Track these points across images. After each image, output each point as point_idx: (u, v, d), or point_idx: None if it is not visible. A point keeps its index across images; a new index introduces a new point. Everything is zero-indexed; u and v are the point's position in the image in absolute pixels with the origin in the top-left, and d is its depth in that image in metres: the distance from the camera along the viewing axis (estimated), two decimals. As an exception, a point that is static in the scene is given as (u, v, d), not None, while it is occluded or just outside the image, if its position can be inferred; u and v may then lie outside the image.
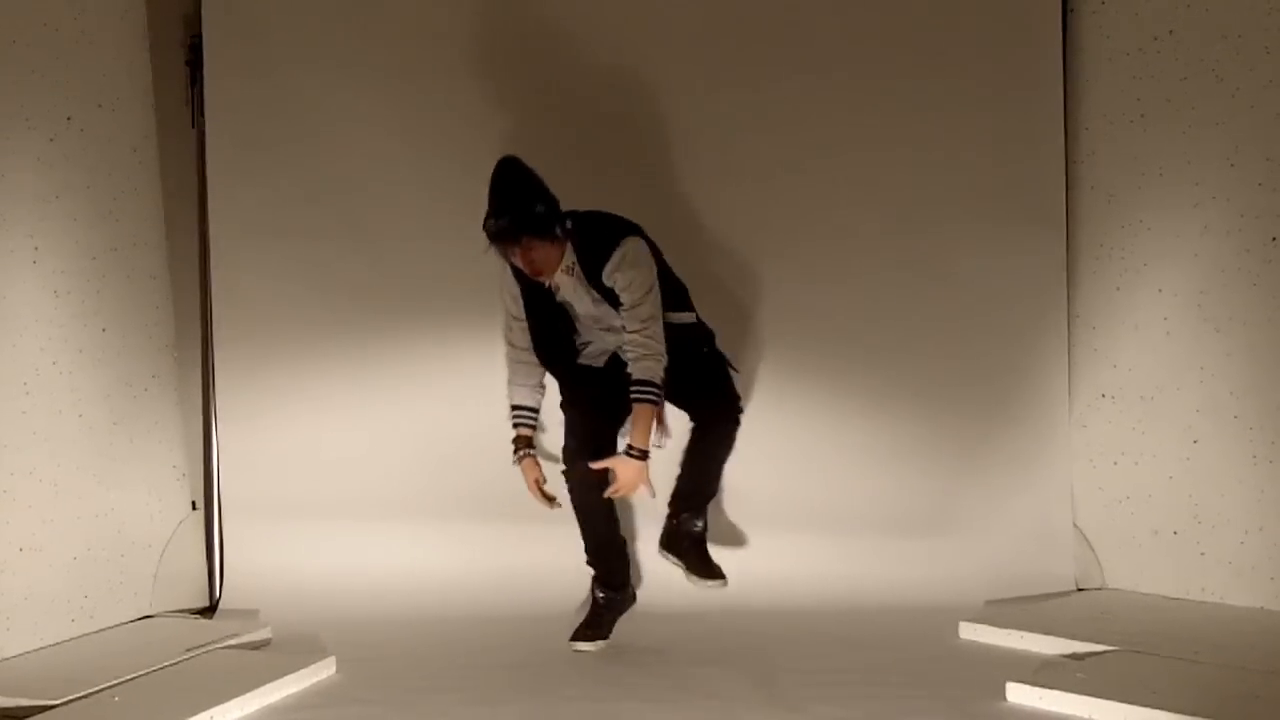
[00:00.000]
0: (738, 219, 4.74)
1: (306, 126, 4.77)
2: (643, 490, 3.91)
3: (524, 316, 4.10)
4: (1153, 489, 4.64)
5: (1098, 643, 3.94)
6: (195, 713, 3.39)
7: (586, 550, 4.15)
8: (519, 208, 3.82)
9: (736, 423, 4.15)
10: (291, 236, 4.76)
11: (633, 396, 3.86)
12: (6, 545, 3.96)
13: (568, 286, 3.97)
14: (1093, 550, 4.76)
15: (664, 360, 3.88)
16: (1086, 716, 3.40)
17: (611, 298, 3.92)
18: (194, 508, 4.78)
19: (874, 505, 4.80)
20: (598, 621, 4.16)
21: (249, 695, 3.57)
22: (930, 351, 4.79)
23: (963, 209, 4.77)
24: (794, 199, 4.80)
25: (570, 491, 4.05)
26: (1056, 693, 3.48)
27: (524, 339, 4.13)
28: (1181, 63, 4.52)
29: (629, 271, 3.88)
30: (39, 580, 4.07)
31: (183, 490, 4.75)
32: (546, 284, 3.97)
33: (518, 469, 4.17)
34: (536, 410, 4.21)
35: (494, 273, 4.71)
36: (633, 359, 3.88)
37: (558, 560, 4.57)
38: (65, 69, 4.24)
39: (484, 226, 3.85)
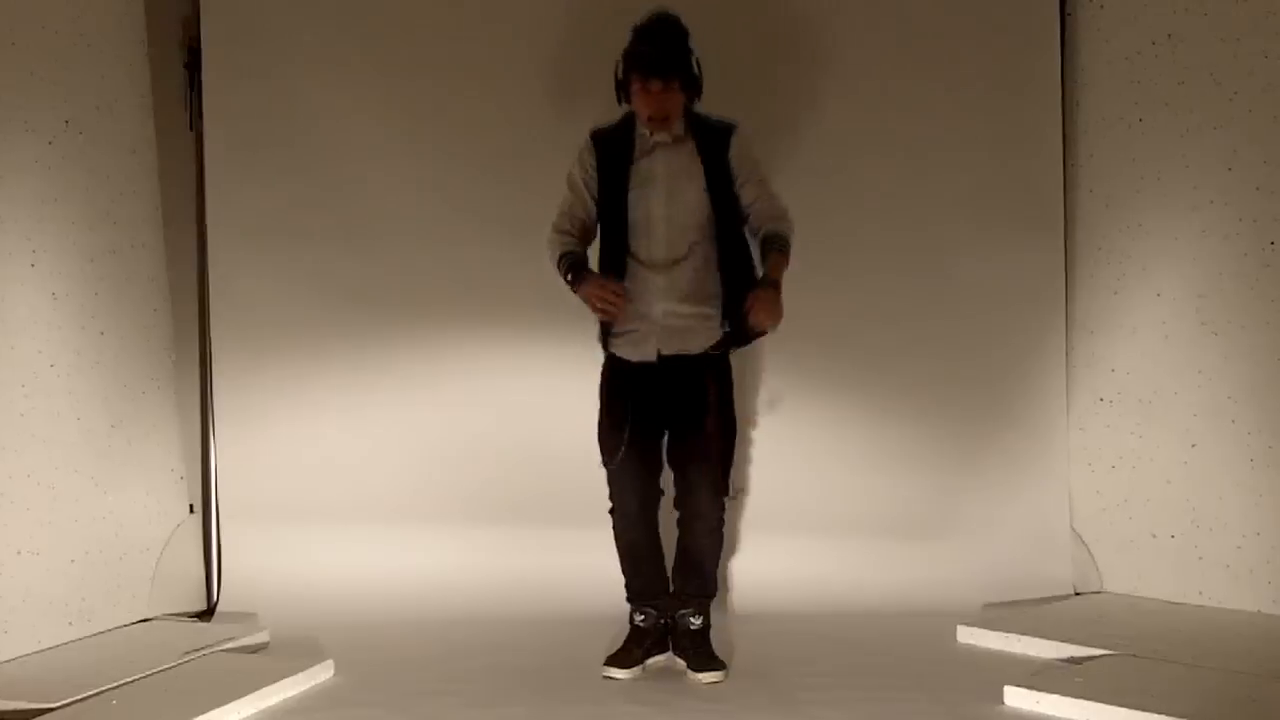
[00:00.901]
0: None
1: (305, 129, 4.77)
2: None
3: (591, 184, 3.93)
4: (1150, 493, 4.64)
5: (1095, 647, 3.94)
6: (193, 716, 3.39)
7: (628, 581, 4.04)
8: (680, 49, 3.84)
9: (722, 507, 3.96)
10: (290, 239, 4.76)
11: (770, 247, 3.84)
12: (4, 548, 3.96)
13: (667, 154, 3.88)
14: (1090, 554, 4.76)
15: (791, 223, 3.91)
16: (1084, 720, 3.41)
17: (719, 179, 3.87)
18: (192, 511, 4.77)
19: (872, 508, 4.80)
20: (632, 648, 3.98)
21: (247, 698, 3.57)
22: (928, 354, 4.80)
23: (961, 212, 4.78)
24: (792, 201, 4.78)
25: (620, 527, 3.98)
26: (1054, 697, 3.48)
27: (578, 200, 3.96)
28: (1180, 66, 4.52)
29: (753, 152, 3.96)
30: (37, 583, 4.06)
31: (181, 493, 4.75)
32: (649, 136, 3.86)
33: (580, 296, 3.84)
34: (583, 253, 3.92)
35: (494, 272, 4.75)
36: (770, 217, 3.90)
37: (557, 563, 4.58)
38: (64, 72, 4.24)
39: (630, 54, 3.83)
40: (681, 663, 3.95)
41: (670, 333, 3.88)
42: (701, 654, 3.93)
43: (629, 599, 4.05)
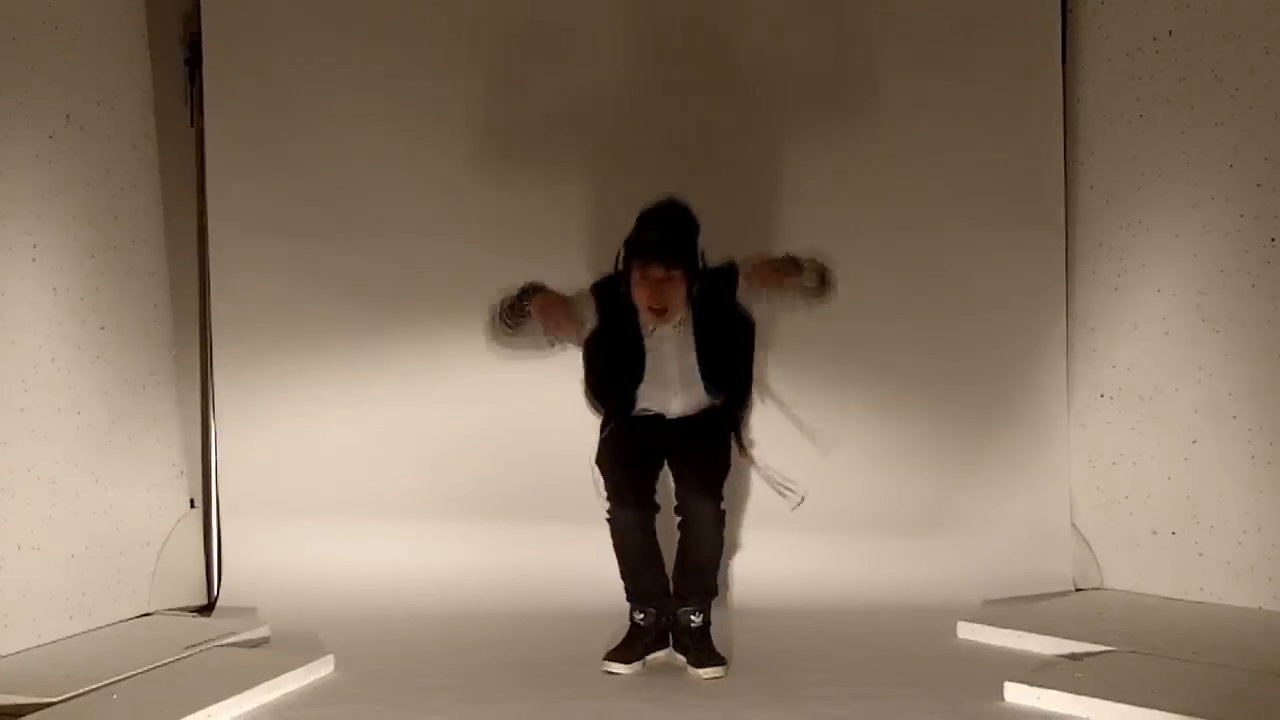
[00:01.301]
0: (737, 219, 4.73)
1: (305, 124, 4.77)
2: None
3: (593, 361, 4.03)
4: (1151, 489, 4.64)
5: (1096, 643, 3.94)
6: (193, 710, 3.39)
7: (627, 585, 4.03)
8: (686, 240, 3.82)
9: (722, 510, 3.96)
10: (290, 234, 4.76)
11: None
12: (5, 543, 3.96)
13: (669, 339, 3.93)
14: (1091, 550, 4.76)
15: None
16: (1084, 716, 3.40)
17: (713, 328, 3.92)
18: (192, 505, 4.78)
19: (873, 504, 4.80)
20: (633, 644, 3.99)
21: (247, 693, 3.57)
22: (929, 351, 4.80)
23: (962, 208, 4.78)
24: (792, 199, 4.80)
25: (619, 537, 3.97)
26: (1054, 692, 3.48)
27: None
28: (1181, 63, 4.52)
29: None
30: (37, 578, 4.06)
31: (181, 488, 4.75)
32: (650, 330, 3.91)
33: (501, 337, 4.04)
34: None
35: (494, 268, 4.74)
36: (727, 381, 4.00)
37: (556, 558, 4.58)
38: (65, 67, 4.24)
39: (633, 241, 3.81)
40: (681, 659, 3.95)
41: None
42: (702, 650, 3.93)
43: (628, 599, 4.05)
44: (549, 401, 4.55)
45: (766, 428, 4.65)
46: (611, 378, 4.00)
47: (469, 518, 4.76)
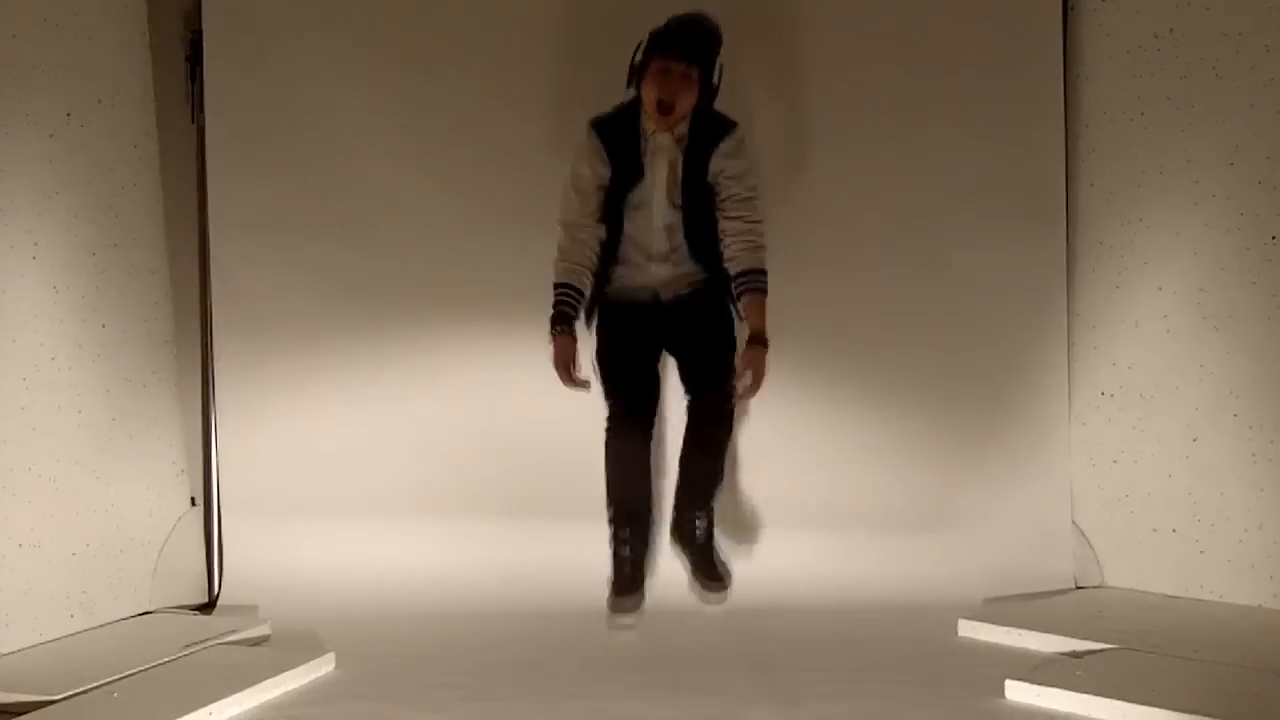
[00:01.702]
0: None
1: (306, 122, 4.76)
2: None
3: (601, 187, 3.84)
4: (1152, 487, 4.64)
5: (1096, 640, 3.95)
6: (194, 709, 3.39)
7: (612, 506, 3.88)
8: (707, 40, 3.78)
9: (732, 399, 3.82)
10: (291, 232, 4.75)
11: (746, 286, 3.75)
12: (6, 541, 3.96)
13: (665, 152, 3.80)
14: (1092, 548, 4.76)
15: (764, 251, 3.82)
16: (1085, 714, 3.41)
17: (698, 186, 3.80)
18: (193, 503, 4.78)
19: (873, 502, 4.80)
20: (631, 579, 3.81)
21: (248, 691, 3.57)
22: (930, 348, 4.79)
23: (963, 206, 4.77)
24: (795, 196, 4.79)
25: (615, 444, 3.84)
26: (1055, 690, 3.49)
27: (586, 207, 3.85)
28: (1182, 61, 4.52)
29: (743, 159, 3.84)
30: (38, 576, 4.07)
31: (182, 486, 4.75)
32: (650, 134, 3.78)
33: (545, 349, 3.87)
34: (583, 294, 3.87)
35: (495, 265, 4.75)
36: (742, 248, 3.78)
37: (558, 556, 4.58)
38: (66, 65, 4.24)
39: (660, 32, 3.76)
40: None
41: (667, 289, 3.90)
42: (705, 562, 3.82)
43: (611, 520, 3.88)
44: (551, 399, 4.54)
45: (767, 423, 4.66)
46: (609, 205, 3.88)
47: (471, 515, 4.76)
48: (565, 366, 3.80)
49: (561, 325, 3.81)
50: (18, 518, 4.01)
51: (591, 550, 4.12)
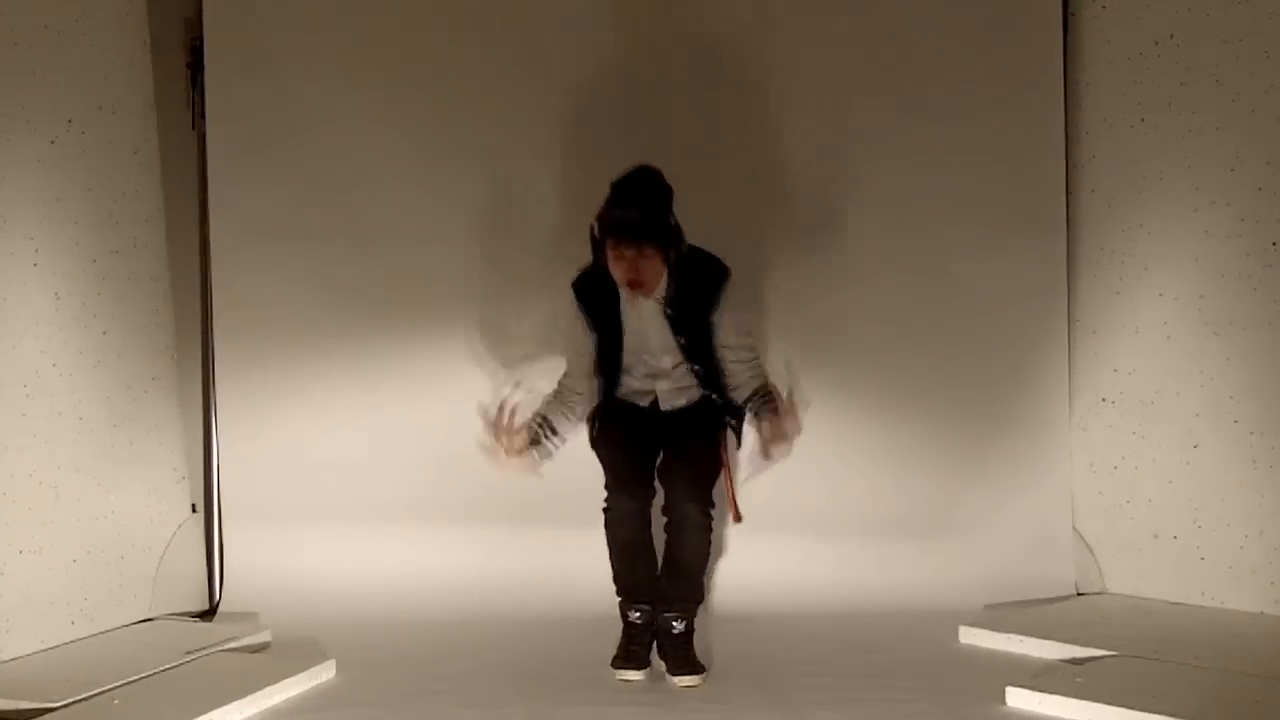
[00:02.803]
0: (737, 222, 4.73)
1: (307, 129, 4.77)
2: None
3: (591, 345, 3.97)
4: (1153, 493, 4.63)
5: (1097, 647, 3.94)
6: (195, 716, 3.39)
7: (619, 580, 4.00)
8: (654, 211, 3.76)
9: (710, 514, 3.90)
10: (292, 239, 4.76)
11: (765, 404, 3.87)
12: (6, 547, 3.96)
13: (649, 314, 3.91)
14: (1093, 554, 4.75)
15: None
16: (1086, 721, 3.41)
17: (697, 332, 3.90)
18: (194, 510, 4.78)
19: (874, 508, 4.80)
20: (636, 646, 3.95)
21: (249, 698, 3.57)
22: (931, 355, 4.79)
23: (963, 212, 4.78)
24: (795, 201, 4.80)
25: (614, 526, 3.92)
26: (1056, 697, 3.48)
27: (578, 365, 4.02)
28: (1182, 67, 4.52)
29: (739, 310, 3.97)
30: (39, 583, 4.06)
31: (183, 493, 4.75)
32: (627, 301, 3.88)
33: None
34: (558, 434, 3.96)
35: (495, 272, 4.75)
36: (749, 376, 3.93)
37: (558, 563, 4.58)
38: (66, 71, 4.24)
39: (603, 217, 3.77)
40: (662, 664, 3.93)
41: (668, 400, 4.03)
42: (682, 657, 3.88)
43: (620, 594, 4.01)
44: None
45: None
46: (601, 358, 3.99)
47: (471, 522, 4.76)
48: (518, 451, 3.87)
49: (527, 446, 3.89)
50: (18, 524, 4.00)
51: (591, 556, 4.13)
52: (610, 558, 3.98)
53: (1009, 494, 4.79)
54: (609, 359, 3.98)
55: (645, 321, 3.92)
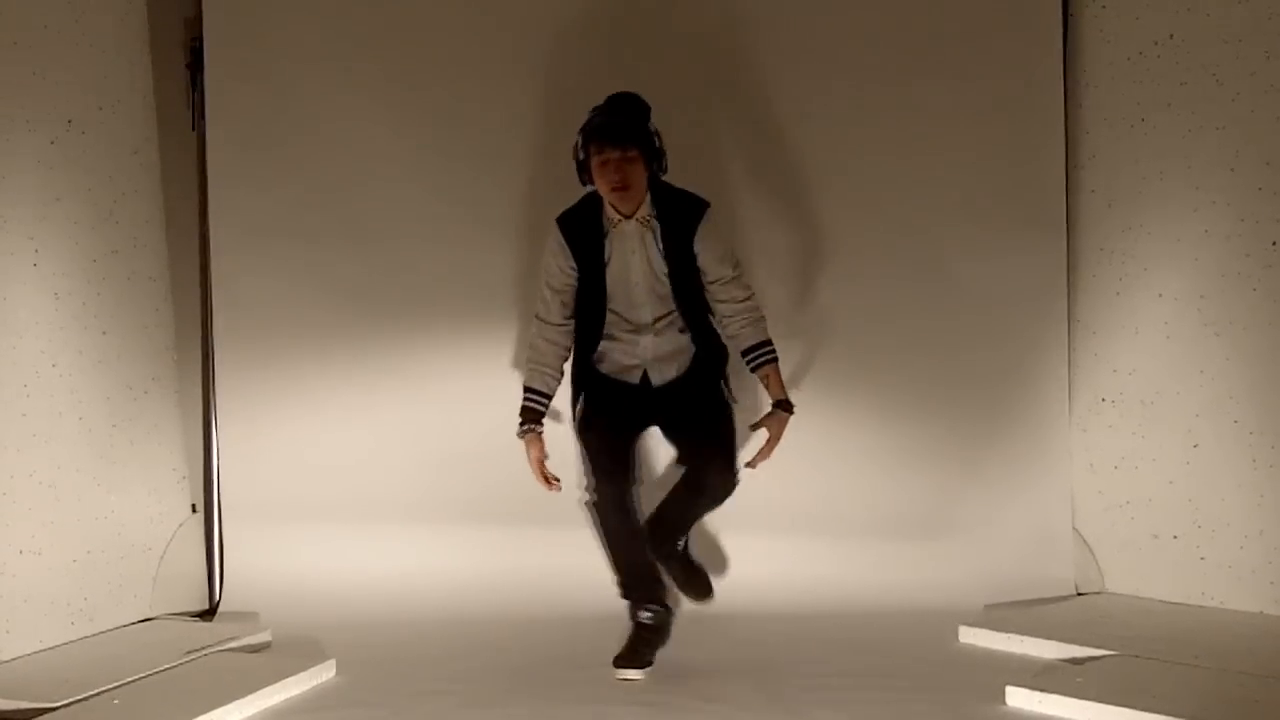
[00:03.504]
0: (738, 224, 4.74)
1: (307, 129, 4.77)
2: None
3: (570, 284, 3.94)
4: (1153, 493, 4.64)
5: (1097, 647, 3.94)
6: (195, 716, 3.39)
7: (620, 575, 4.01)
8: (635, 116, 3.83)
9: (732, 487, 3.94)
10: (292, 239, 4.76)
11: (760, 359, 3.95)
12: (6, 548, 3.96)
13: (632, 237, 3.87)
14: (1092, 554, 4.76)
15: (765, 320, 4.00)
16: (1086, 721, 3.41)
17: (681, 264, 3.88)
18: (194, 510, 4.78)
19: (874, 508, 4.80)
20: (642, 647, 3.95)
21: (249, 698, 3.58)
22: (931, 355, 4.79)
23: (963, 213, 4.77)
24: (795, 203, 4.80)
25: (601, 515, 3.94)
26: (1056, 697, 3.49)
27: (556, 303, 3.97)
28: (1182, 67, 4.52)
29: (721, 242, 3.95)
30: (39, 583, 4.07)
31: (183, 493, 4.75)
32: (615, 222, 3.86)
33: (519, 443, 4.05)
34: (550, 396, 4.04)
35: (495, 272, 4.75)
36: (744, 325, 3.95)
37: (559, 563, 4.58)
38: (66, 71, 4.24)
39: (587, 126, 3.83)
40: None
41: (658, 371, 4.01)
42: (687, 569, 4.07)
43: (624, 595, 4.02)
44: (553, 405, 4.55)
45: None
46: (580, 307, 3.97)
47: (471, 522, 4.76)
48: (539, 464, 4.00)
49: (529, 423, 4.00)
50: (18, 524, 4.01)
51: (592, 556, 4.13)
52: (606, 552, 4.00)
53: (1009, 494, 4.79)
54: (590, 306, 3.95)
55: (628, 253, 3.89)
